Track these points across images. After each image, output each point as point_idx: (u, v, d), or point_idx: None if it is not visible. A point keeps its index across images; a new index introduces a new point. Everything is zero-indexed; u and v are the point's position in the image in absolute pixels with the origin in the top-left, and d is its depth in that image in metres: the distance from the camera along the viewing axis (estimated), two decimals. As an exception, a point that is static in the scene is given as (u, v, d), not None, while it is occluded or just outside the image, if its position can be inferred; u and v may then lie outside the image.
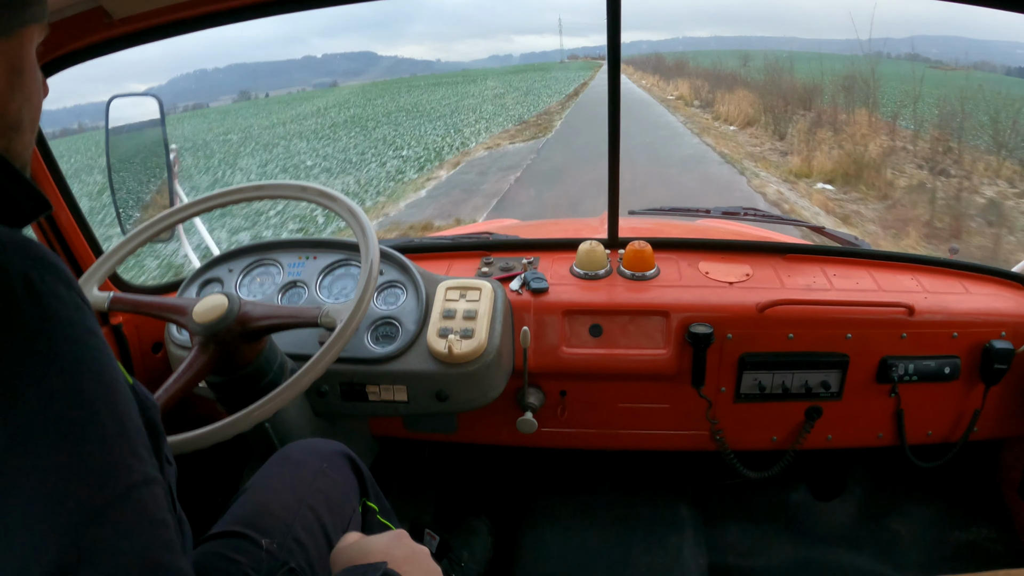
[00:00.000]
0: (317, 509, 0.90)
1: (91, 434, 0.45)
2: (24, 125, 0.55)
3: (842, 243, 1.58)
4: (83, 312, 0.49)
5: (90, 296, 1.16)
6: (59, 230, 1.29)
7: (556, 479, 1.66)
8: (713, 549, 1.53)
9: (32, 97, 0.56)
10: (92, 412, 0.46)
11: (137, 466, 0.47)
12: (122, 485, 0.45)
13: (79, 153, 16.76)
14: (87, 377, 0.46)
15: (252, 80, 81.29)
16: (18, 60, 0.53)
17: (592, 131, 11.58)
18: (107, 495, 0.44)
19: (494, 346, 1.24)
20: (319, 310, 1.06)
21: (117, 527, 0.43)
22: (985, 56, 12.96)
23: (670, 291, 1.37)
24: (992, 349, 1.30)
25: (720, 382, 1.37)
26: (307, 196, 1.17)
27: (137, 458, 0.47)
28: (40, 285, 0.46)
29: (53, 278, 0.47)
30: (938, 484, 1.59)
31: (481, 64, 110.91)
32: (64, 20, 1.09)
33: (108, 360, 0.49)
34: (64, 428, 0.44)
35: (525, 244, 1.58)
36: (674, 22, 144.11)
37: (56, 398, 0.45)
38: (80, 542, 0.42)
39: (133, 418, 0.49)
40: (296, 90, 55.17)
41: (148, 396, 0.61)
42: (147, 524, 0.45)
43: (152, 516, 0.46)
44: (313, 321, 1.06)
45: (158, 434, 0.59)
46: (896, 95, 10.90)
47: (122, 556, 0.43)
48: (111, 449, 0.46)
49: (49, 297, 0.47)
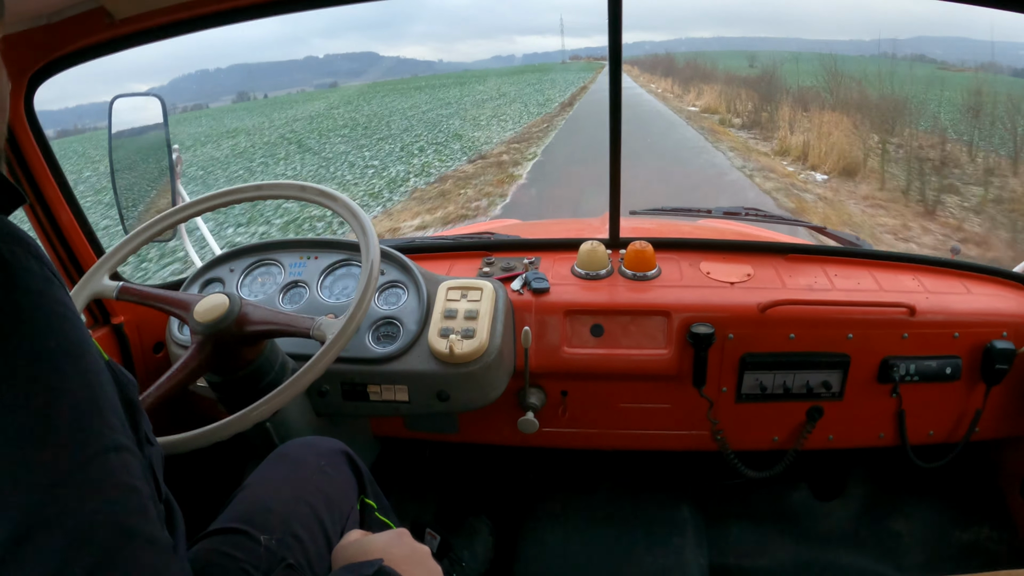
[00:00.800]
0: (315, 506, 0.90)
1: (58, 398, 0.45)
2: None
3: (843, 243, 1.58)
4: (53, 285, 0.48)
5: (99, 285, 1.16)
6: (60, 229, 1.29)
7: (557, 479, 1.66)
8: (714, 549, 1.53)
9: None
10: (59, 376, 0.46)
11: (107, 432, 0.47)
12: (90, 449, 0.45)
13: (67, 160, 16.37)
14: (54, 342, 0.46)
15: (253, 81, 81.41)
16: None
17: (588, 172, 7.37)
18: (74, 458, 0.44)
19: (495, 346, 1.24)
20: (312, 322, 1.06)
21: (82, 489, 0.43)
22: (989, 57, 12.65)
23: (671, 291, 1.37)
24: (993, 349, 1.30)
25: (721, 382, 1.37)
26: (307, 196, 1.16)
27: (107, 425, 0.47)
28: (9, 256, 0.46)
29: (23, 251, 0.48)
30: (939, 484, 1.59)
31: (484, 64, 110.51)
32: (65, 20, 1.09)
33: (78, 331, 0.49)
34: (29, 390, 0.44)
35: (526, 244, 1.58)
36: (676, 22, 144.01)
37: (21, 361, 0.44)
38: (44, 504, 0.42)
39: (105, 387, 0.49)
40: (296, 90, 54.82)
41: (125, 373, 0.61)
42: (116, 488, 0.45)
43: (121, 481, 0.46)
44: (305, 333, 1.06)
45: (136, 411, 0.59)
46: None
47: (87, 517, 0.43)
48: (80, 414, 0.46)
49: (17, 268, 0.47)
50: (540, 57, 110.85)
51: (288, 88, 60.35)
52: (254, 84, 72.44)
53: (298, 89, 56.17)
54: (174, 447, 0.97)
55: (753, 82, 15.32)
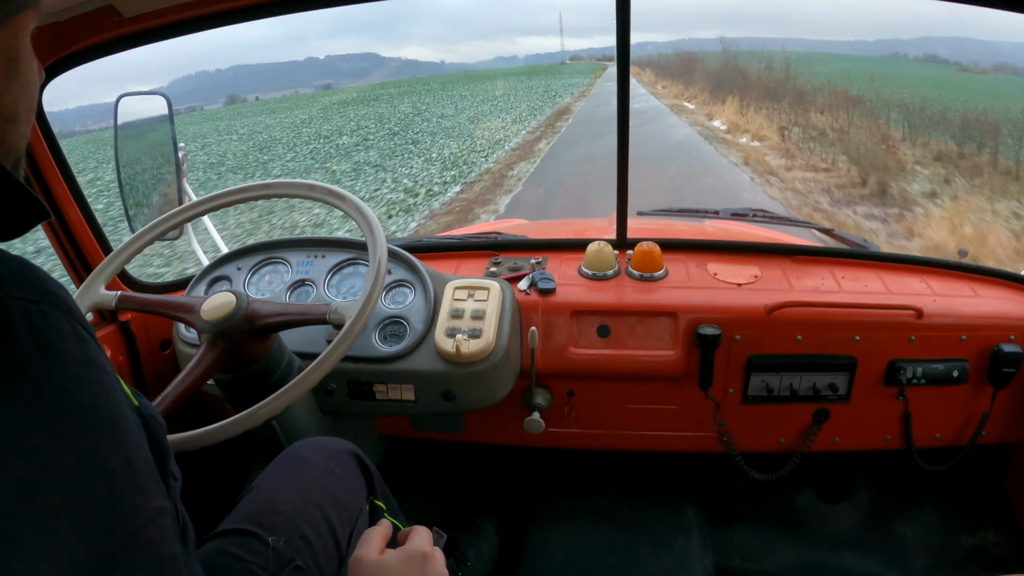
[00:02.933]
0: (324, 507, 0.90)
1: (97, 480, 0.44)
2: (20, 116, 0.53)
3: (851, 245, 1.57)
4: (85, 343, 0.47)
5: (97, 296, 1.16)
6: (68, 228, 1.29)
7: (563, 480, 1.66)
8: (719, 551, 1.53)
9: (29, 87, 0.53)
10: (99, 457, 0.45)
11: (144, 504, 0.46)
12: (130, 527, 0.45)
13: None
14: (91, 418, 0.45)
15: (255, 82, 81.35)
16: (13, 49, 0.51)
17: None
18: (116, 540, 0.44)
19: (502, 346, 1.24)
20: (327, 307, 1.06)
21: (126, 571, 0.44)
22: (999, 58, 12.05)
23: (678, 292, 1.36)
24: (1000, 353, 1.29)
25: (728, 384, 1.37)
26: (315, 195, 1.16)
27: (144, 495, 0.47)
28: (40, 320, 0.44)
29: (53, 310, 0.46)
30: (945, 488, 1.59)
31: (487, 65, 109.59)
32: (74, 18, 1.09)
33: (113, 393, 0.47)
34: (71, 477, 0.43)
35: (533, 244, 1.58)
36: (678, 23, 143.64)
37: (62, 446, 0.43)
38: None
39: (140, 450, 0.48)
40: (290, 92, 53.98)
41: (155, 415, 0.59)
42: (156, 564, 0.46)
43: (160, 553, 0.46)
44: (322, 318, 1.06)
45: (164, 454, 0.58)
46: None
47: None
48: (118, 492, 0.45)
49: (50, 333, 0.45)
50: (543, 58, 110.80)
51: (283, 90, 59.72)
52: (256, 86, 72.40)
53: (292, 91, 55.49)
54: (184, 444, 0.97)
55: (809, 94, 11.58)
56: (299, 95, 45.75)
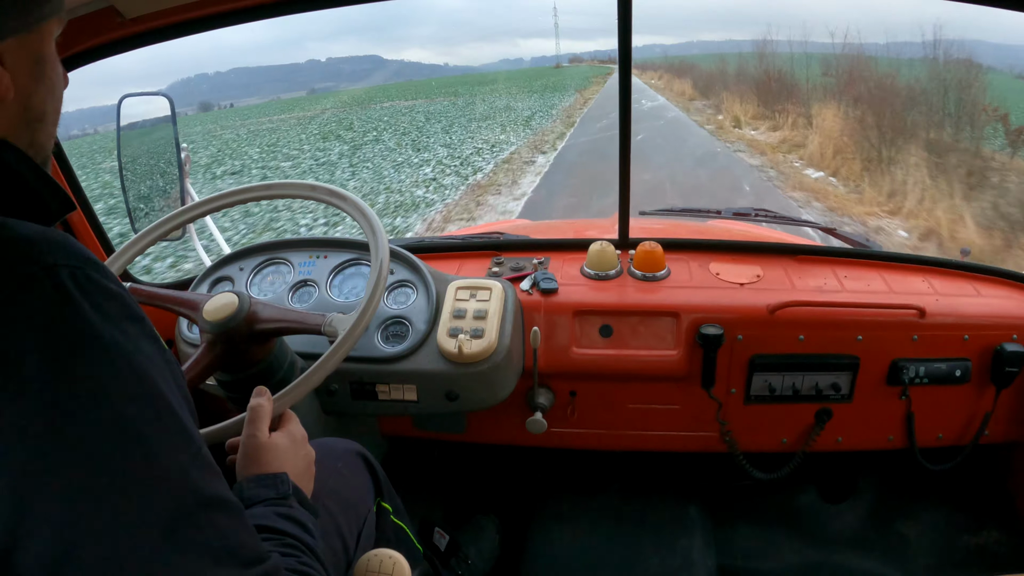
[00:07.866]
0: (331, 508, 0.90)
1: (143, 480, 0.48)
2: (48, 116, 0.57)
3: (853, 244, 1.57)
4: (123, 299, 0.51)
5: None
6: (70, 228, 1.29)
7: (565, 479, 1.66)
8: (722, 551, 1.53)
9: (55, 89, 0.57)
10: (155, 395, 0.50)
11: (195, 433, 0.54)
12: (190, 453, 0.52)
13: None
14: (134, 409, 0.48)
15: (257, 85, 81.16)
16: (40, 53, 0.55)
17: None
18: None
19: (504, 346, 1.24)
20: (323, 318, 1.05)
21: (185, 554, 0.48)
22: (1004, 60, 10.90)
23: (681, 292, 1.36)
24: (1003, 352, 1.29)
25: (730, 384, 1.37)
26: (316, 195, 1.16)
27: (196, 479, 0.53)
28: (86, 282, 0.49)
29: (94, 272, 0.50)
30: (948, 487, 1.58)
31: (492, 67, 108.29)
32: (76, 20, 1.10)
33: (155, 341, 0.53)
34: (110, 479, 0.46)
35: (536, 244, 1.58)
36: (683, 24, 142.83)
37: (125, 387, 0.48)
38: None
39: (182, 389, 0.54)
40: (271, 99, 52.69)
41: (179, 370, 0.62)
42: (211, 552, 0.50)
43: (215, 547, 0.51)
44: (316, 329, 1.06)
45: (190, 404, 0.62)
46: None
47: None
48: (173, 428, 0.51)
49: (96, 291, 0.49)
50: (549, 59, 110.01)
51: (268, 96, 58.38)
52: (257, 88, 72.05)
53: (272, 97, 54.39)
54: None
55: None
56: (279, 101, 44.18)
